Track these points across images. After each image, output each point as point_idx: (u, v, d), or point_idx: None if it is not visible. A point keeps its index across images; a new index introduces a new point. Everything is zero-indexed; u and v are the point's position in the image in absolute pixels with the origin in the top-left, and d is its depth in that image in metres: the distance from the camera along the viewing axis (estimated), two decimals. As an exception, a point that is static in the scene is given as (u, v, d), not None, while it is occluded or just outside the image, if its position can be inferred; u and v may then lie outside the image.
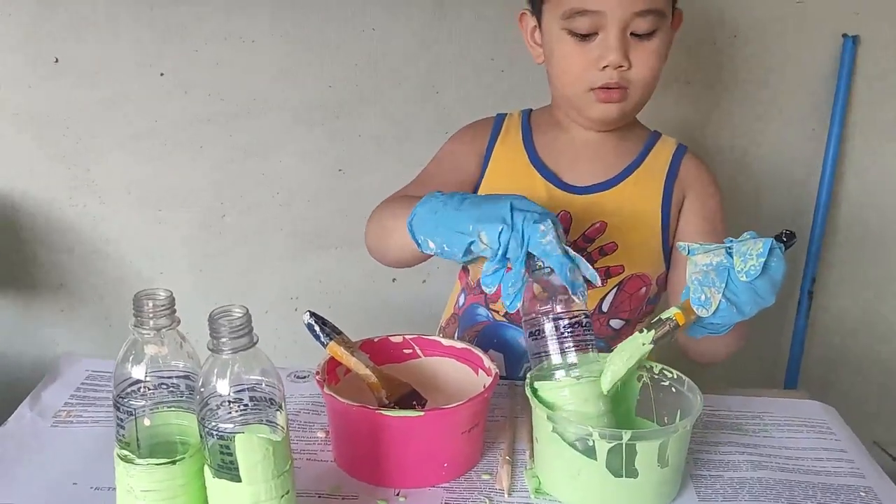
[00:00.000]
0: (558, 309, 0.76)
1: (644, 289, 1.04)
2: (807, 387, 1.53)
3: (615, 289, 1.03)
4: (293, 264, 1.55)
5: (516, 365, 1.05)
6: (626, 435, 0.71)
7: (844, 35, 1.41)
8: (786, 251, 0.77)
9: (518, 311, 0.78)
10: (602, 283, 1.03)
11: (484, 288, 0.76)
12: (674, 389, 0.82)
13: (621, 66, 0.93)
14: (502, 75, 1.44)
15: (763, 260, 0.74)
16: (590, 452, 0.73)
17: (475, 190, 1.06)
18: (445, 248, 0.77)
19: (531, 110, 1.10)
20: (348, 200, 1.51)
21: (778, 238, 0.77)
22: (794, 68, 1.44)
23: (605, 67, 0.93)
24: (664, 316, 0.77)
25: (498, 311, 1.06)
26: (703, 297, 0.76)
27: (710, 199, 1.05)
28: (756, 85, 1.46)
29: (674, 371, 0.82)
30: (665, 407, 0.82)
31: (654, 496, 0.76)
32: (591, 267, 0.74)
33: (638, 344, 0.77)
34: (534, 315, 0.78)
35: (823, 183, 1.47)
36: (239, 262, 1.54)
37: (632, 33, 0.93)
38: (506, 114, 1.09)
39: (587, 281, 0.75)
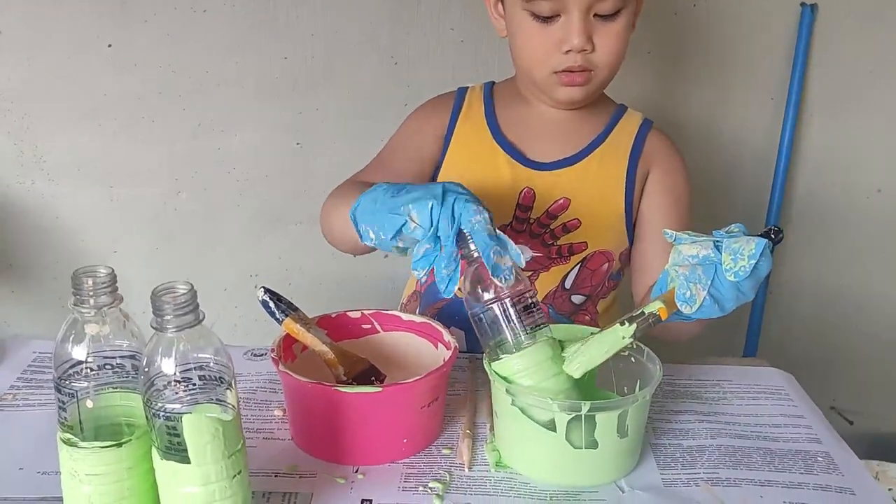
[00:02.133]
0: (504, 294, 0.74)
1: (606, 265, 1.03)
2: (765, 355, 1.54)
3: (578, 266, 1.02)
4: (252, 241, 1.52)
5: (478, 342, 1.03)
6: (585, 406, 0.71)
7: (802, 3, 1.41)
8: (773, 249, 0.75)
9: (465, 300, 0.76)
10: (566, 261, 1.02)
11: (414, 273, 0.73)
12: (633, 359, 0.82)
13: (584, 50, 0.91)
14: (462, 46, 1.42)
15: (755, 262, 0.72)
16: (549, 425, 0.72)
17: (437, 168, 1.03)
18: (381, 236, 0.74)
19: (493, 83, 1.07)
20: (308, 175, 1.48)
21: (766, 235, 0.75)
22: (752, 37, 1.44)
23: (568, 51, 0.91)
24: (647, 310, 0.74)
25: (461, 289, 1.04)
26: (688, 294, 0.73)
27: (674, 175, 1.03)
28: (715, 54, 1.45)
29: (633, 341, 0.82)
30: (624, 377, 0.82)
31: (614, 466, 0.76)
32: (516, 248, 0.72)
33: (618, 337, 0.74)
34: (479, 305, 0.75)
35: (781, 152, 1.48)
36: (196, 239, 1.51)
37: (595, 14, 0.90)
38: (467, 87, 1.07)
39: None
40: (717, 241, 0.74)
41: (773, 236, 0.75)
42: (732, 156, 1.52)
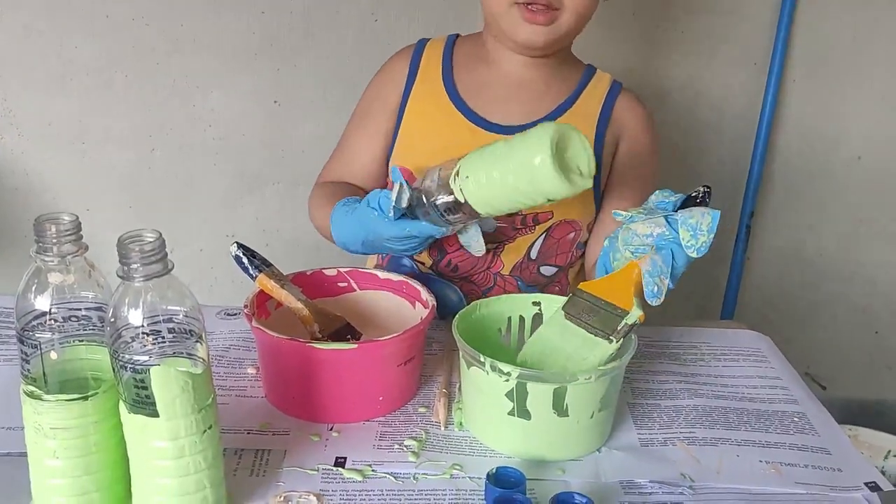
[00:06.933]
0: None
1: (573, 234, 1.00)
2: (742, 319, 1.55)
3: (543, 235, 0.99)
4: (229, 201, 1.50)
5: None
6: (515, 372, 0.68)
7: (789, -34, 1.39)
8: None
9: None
10: (530, 230, 0.98)
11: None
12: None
13: None
14: (444, 2, 1.39)
15: (713, 235, 0.70)
16: (508, 394, 0.70)
17: (395, 134, 1.00)
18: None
19: (458, 36, 1.02)
20: (286, 134, 1.45)
21: (703, 201, 0.74)
22: (737, 0, 1.43)
23: None
24: (629, 321, 0.72)
25: (424, 264, 1.02)
26: (655, 289, 0.71)
27: (642, 136, 1.00)
28: (700, 18, 1.44)
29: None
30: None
31: (559, 444, 0.72)
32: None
33: (608, 352, 0.72)
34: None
35: (763, 118, 1.48)
36: (171, 199, 1.48)
37: None
38: (427, 41, 1.02)
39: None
40: (668, 216, 0.72)
41: (708, 199, 0.75)
42: (715, 121, 1.51)
